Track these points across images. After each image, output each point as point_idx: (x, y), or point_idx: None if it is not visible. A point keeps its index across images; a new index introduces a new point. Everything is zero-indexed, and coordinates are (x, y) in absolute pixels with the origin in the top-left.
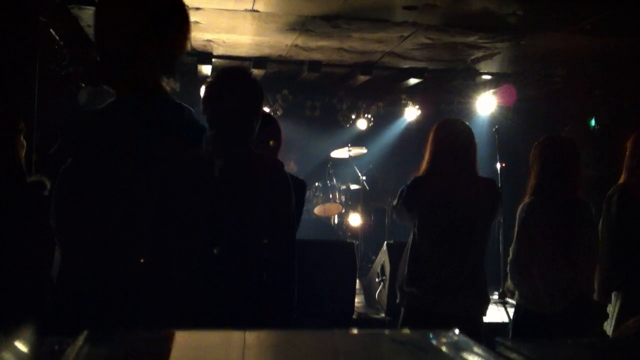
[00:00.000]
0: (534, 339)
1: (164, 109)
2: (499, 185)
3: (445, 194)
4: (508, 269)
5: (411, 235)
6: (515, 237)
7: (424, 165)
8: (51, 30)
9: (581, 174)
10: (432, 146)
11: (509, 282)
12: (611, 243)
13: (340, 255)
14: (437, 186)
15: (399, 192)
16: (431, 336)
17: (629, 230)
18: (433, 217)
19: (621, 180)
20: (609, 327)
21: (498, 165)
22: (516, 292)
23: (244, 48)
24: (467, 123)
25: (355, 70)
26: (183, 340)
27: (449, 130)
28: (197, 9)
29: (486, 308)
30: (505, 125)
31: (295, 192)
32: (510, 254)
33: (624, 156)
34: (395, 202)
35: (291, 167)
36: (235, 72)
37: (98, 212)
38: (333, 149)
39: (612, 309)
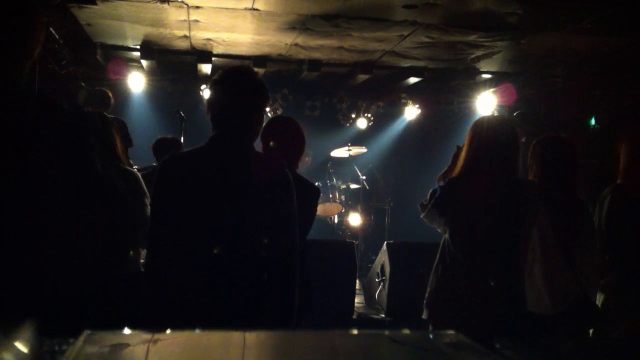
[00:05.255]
0: (533, 339)
1: None
2: None
3: (483, 198)
4: None
5: (442, 244)
6: None
7: (459, 164)
8: (51, 29)
9: (580, 174)
10: (468, 146)
11: None
12: (602, 243)
13: (340, 255)
14: (474, 189)
15: (430, 192)
16: (431, 336)
17: (620, 231)
18: (470, 224)
19: (617, 181)
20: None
21: None
22: None
23: (243, 47)
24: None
25: (355, 70)
26: (183, 340)
27: (486, 129)
28: (197, 7)
29: (525, 325)
30: None
31: (309, 197)
32: None
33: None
34: (425, 202)
35: (306, 161)
36: (239, 71)
37: None
38: (333, 149)
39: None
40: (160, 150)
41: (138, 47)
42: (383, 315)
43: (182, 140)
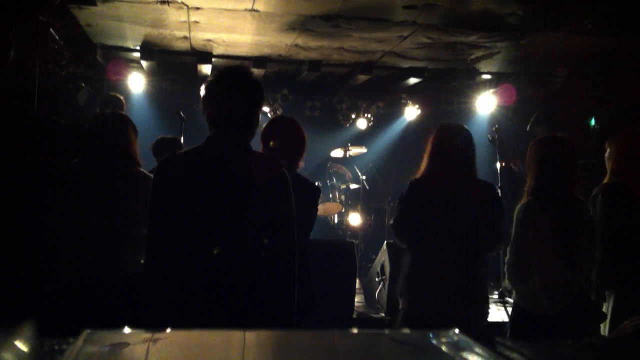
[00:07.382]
0: (533, 339)
1: None
2: (499, 185)
3: (444, 197)
4: (505, 269)
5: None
6: (512, 238)
7: (422, 168)
8: (51, 30)
9: (578, 174)
10: (431, 149)
11: (506, 282)
12: (601, 243)
13: (340, 254)
14: (435, 188)
15: (399, 200)
16: (431, 336)
17: (616, 230)
18: (433, 220)
19: (605, 181)
20: (603, 326)
21: (498, 165)
22: (513, 292)
23: (243, 48)
24: (466, 126)
25: (355, 70)
26: (183, 339)
27: (448, 133)
28: (197, 8)
29: (486, 316)
30: (505, 125)
31: (309, 196)
32: (508, 254)
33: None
34: (395, 215)
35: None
36: (235, 71)
37: None
38: (333, 149)
39: (605, 308)
40: (160, 150)
41: (138, 47)
42: (383, 315)
43: (182, 140)
